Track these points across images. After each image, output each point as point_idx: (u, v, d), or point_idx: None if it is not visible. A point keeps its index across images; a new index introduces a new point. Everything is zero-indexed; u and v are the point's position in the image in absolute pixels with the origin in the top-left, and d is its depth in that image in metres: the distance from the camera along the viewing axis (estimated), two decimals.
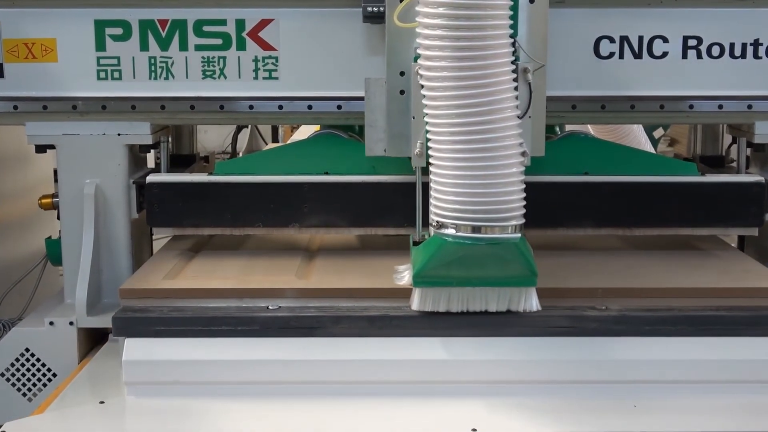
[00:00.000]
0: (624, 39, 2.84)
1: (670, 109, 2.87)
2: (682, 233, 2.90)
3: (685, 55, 2.85)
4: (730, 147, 3.31)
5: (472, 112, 2.19)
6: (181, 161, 3.35)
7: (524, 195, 2.30)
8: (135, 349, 2.35)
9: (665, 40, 2.83)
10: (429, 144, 2.30)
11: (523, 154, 2.30)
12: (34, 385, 2.84)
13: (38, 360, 2.83)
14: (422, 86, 2.27)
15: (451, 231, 2.28)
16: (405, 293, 2.42)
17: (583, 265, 2.73)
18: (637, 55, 2.84)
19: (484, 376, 2.34)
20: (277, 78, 2.85)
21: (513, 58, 2.25)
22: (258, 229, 2.86)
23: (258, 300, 2.46)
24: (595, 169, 2.89)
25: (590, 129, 3.47)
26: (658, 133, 5.00)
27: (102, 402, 2.34)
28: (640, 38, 2.84)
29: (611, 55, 2.84)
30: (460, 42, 2.17)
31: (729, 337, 2.37)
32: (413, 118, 2.43)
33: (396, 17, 2.33)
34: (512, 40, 2.24)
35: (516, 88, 2.26)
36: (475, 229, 2.27)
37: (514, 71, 2.26)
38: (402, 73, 2.47)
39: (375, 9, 2.63)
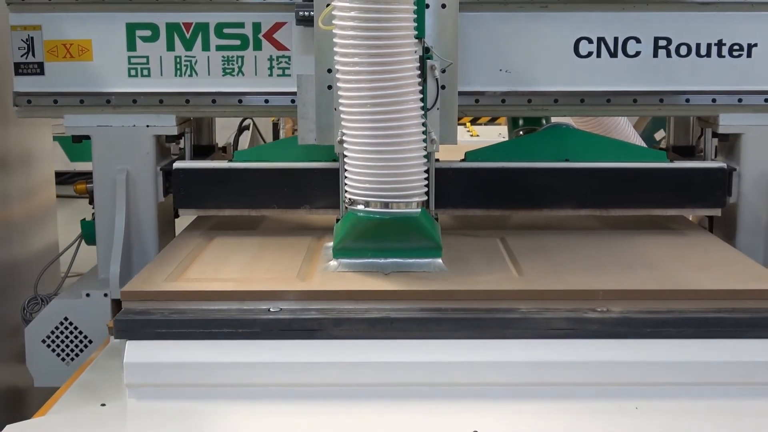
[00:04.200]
0: (601, 40, 3.08)
1: (642, 102, 3.12)
2: (653, 214, 3.16)
3: (656, 54, 3.09)
4: (700, 138, 3.50)
5: (379, 103, 2.45)
6: (201, 151, 3.58)
7: (426, 176, 2.56)
8: (136, 351, 2.31)
9: (638, 40, 3.08)
10: (343, 131, 2.55)
11: (432, 141, 2.58)
12: (72, 350, 3.11)
13: (75, 328, 3.11)
14: (338, 80, 2.51)
15: (361, 207, 2.55)
16: (406, 295, 2.47)
17: (582, 265, 2.71)
18: (613, 54, 3.08)
19: (485, 378, 2.31)
20: (289, 75, 3.09)
21: (417, 57, 2.49)
22: (273, 210, 3.12)
23: (259, 302, 2.42)
24: (575, 157, 3.14)
25: (572, 122, 3.73)
26: (659, 135, 5.10)
27: (103, 404, 2.33)
28: (616, 39, 3.08)
29: (590, 54, 3.08)
30: (369, 41, 2.40)
31: (731, 339, 2.33)
32: (335, 109, 2.62)
33: (320, 21, 2.53)
34: (416, 41, 2.48)
35: (420, 84, 2.51)
36: (383, 205, 2.54)
37: (419, 68, 2.51)
38: (329, 71, 2.68)
39: (306, 13, 2.85)
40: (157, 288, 2.51)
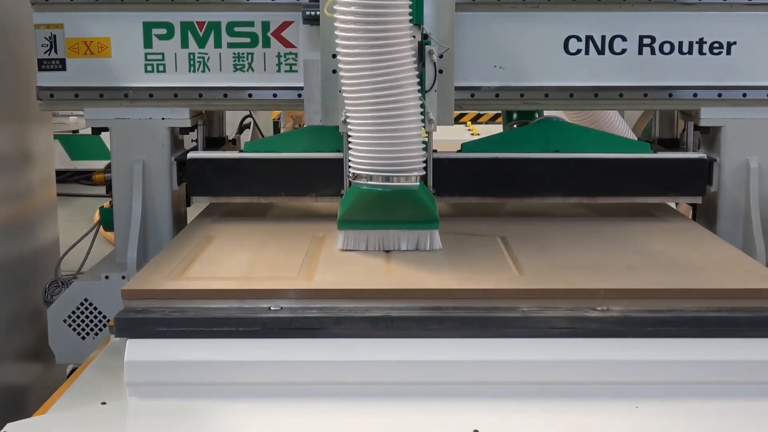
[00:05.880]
0: (589, 38, 3.21)
1: (627, 97, 3.26)
2: (637, 201, 3.34)
3: (640, 52, 3.22)
4: (683, 131, 3.65)
5: (380, 86, 2.60)
6: (212, 143, 3.74)
7: (424, 152, 2.74)
8: (137, 349, 2.28)
9: (624, 38, 3.21)
10: (347, 112, 2.71)
11: (430, 121, 2.76)
12: (92, 329, 3.28)
13: (95, 308, 3.27)
14: (341, 63, 2.62)
15: (364, 180, 2.72)
16: (407, 294, 2.45)
17: (582, 263, 2.70)
18: (600, 52, 3.22)
19: (485, 377, 2.29)
20: (296, 71, 3.24)
21: (414, 42, 2.65)
22: (280, 198, 3.30)
23: (260, 301, 2.39)
24: (565, 148, 3.31)
25: (564, 115, 3.90)
26: None
27: (104, 403, 2.30)
28: (603, 37, 3.21)
29: (578, 51, 3.22)
30: (368, 26, 2.53)
31: (731, 338, 2.30)
32: (340, 92, 2.74)
33: (326, 9, 2.70)
34: (413, 27, 2.64)
35: (417, 67, 2.67)
36: (384, 179, 2.70)
37: (418, 53, 2.67)
38: (333, 56, 2.75)
39: (312, 13, 2.99)
40: (158, 286, 2.50)
